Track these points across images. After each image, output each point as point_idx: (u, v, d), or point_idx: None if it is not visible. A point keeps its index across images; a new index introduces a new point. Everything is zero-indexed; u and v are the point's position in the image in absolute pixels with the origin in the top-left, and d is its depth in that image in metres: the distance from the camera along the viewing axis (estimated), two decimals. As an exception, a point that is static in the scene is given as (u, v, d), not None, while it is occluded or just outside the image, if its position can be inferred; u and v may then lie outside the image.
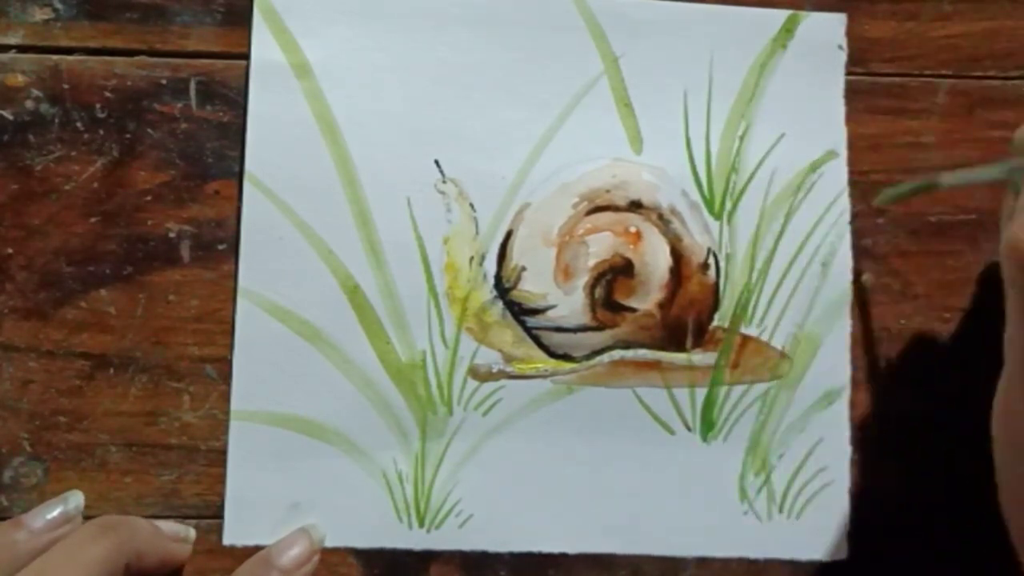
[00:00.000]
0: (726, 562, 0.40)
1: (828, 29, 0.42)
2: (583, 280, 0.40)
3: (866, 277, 0.42)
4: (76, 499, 0.37)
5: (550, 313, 0.40)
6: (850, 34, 0.42)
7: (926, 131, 0.43)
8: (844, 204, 0.42)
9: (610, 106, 0.41)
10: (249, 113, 0.40)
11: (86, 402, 0.39)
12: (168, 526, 0.38)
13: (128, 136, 0.40)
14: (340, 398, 0.39)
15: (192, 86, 0.40)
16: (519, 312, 0.40)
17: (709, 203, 0.41)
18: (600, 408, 0.40)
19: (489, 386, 0.40)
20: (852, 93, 0.42)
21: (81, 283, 0.39)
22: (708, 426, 0.41)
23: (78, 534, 0.35)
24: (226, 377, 0.39)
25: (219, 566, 0.39)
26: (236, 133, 0.40)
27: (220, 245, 0.40)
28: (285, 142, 0.40)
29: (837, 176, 0.42)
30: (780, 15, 0.42)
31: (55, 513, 0.36)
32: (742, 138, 0.42)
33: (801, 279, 0.41)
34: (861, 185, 0.42)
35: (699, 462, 0.41)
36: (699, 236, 0.41)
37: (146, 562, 0.36)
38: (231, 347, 0.39)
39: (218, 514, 0.39)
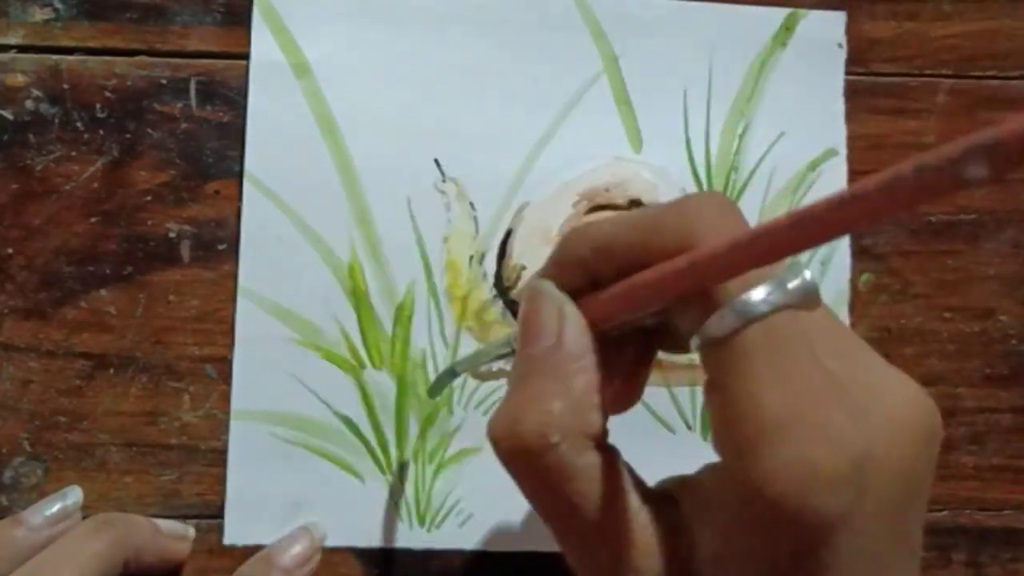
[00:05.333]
0: (726, 561, 0.40)
1: (828, 27, 0.42)
2: (583, 279, 0.40)
3: (865, 277, 0.42)
4: (75, 495, 0.37)
5: (550, 312, 0.40)
6: (850, 34, 0.42)
7: (926, 131, 0.43)
8: (844, 203, 0.42)
9: (609, 105, 0.41)
10: (249, 113, 0.40)
11: (86, 402, 0.39)
12: (167, 524, 0.38)
13: (128, 136, 0.40)
14: (340, 397, 0.39)
15: (192, 86, 0.40)
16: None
17: (709, 202, 0.41)
18: (600, 407, 0.40)
19: (489, 385, 0.40)
20: (852, 93, 0.42)
21: (81, 283, 0.39)
22: (709, 425, 0.41)
23: (76, 530, 0.35)
24: (226, 377, 0.39)
25: (219, 566, 0.39)
26: (236, 133, 0.40)
27: (220, 245, 0.40)
28: (285, 142, 0.40)
29: (836, 175, 0.42)
30: (780, 13, 0.42)
31: (54, 509, 0.36)
32: (741, 137, 0.42)
33: (801, 278, 0.41)
34: (861, 184, 0.42)
35: (700, 461, 0.40)
36: (699, 235, 0.41)
37: (145, 559, 0.36)
38: (231, 347, 0.39)
39: (218, 514, 0.39)
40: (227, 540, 0.39)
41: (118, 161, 0.40)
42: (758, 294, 0.22)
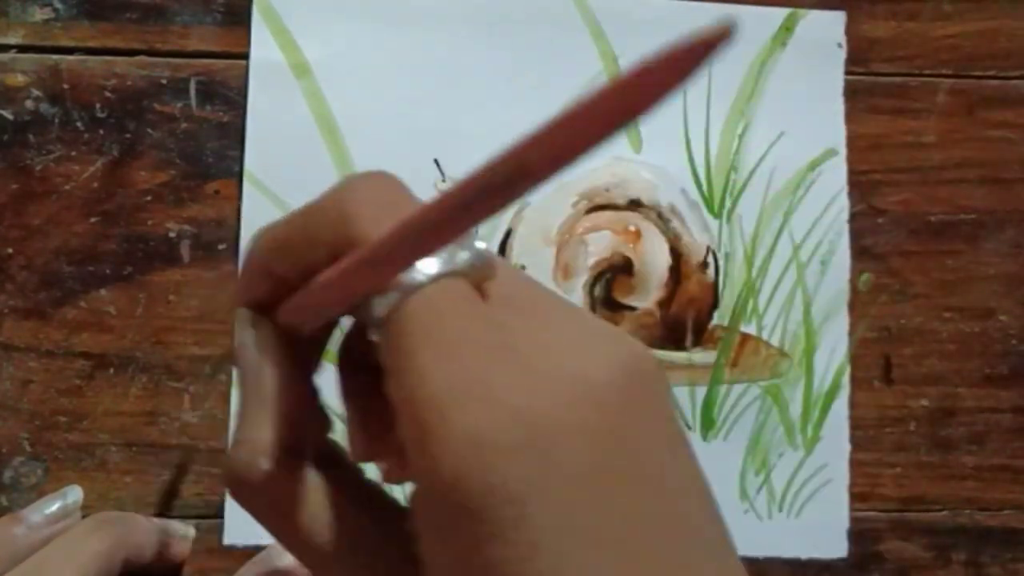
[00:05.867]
0: (726, 561, 0.40)
1: (827, 27, 0.42)
2: (583, 279, 0.40)
3: (865, 277, 0.42)
4: (75, 494, 0.37)
5: (550, 312, 0.40)
6: (850, 34, 0.42)
7: (926, 131, 0.43)
8: (843, 203, 0.42)
9: (609, 105, 0.41)
10: (249, 113, 0.40)
11: (86, 402, 0.39)
12: (168, 523, 0.38)
13: (128, 136, 0.40)
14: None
15: (192, 86, 0.40)
16: (519, 311, 0.40)
17: (708, 202, 0.41)
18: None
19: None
20: (852, 93, 0.42)
21: (81, 283, 0.39)
22: (708, 425, 0.41)
23: (76, 529, 0.35)
24: (226, 376, 0.39)
25: (219, 566, 0.39)
26: (236, 133, 0.40)
27: (220, 245, 0.40)
28: (285, 142, 0.40)
29: (836, 175, 0.42)
30: (780, 13, 0.42)
31: (54, 508, 0.36)
32: (741, 137, 0.42)
33: (800, 277, 0.41)
34: (861, 184, 0.42)
35: (700, 461, 0.40)
36: (698, 235, 0.41)
37: (144, 558, 0.36)
38: (231, 347, 0.39)
39: (218, 514, 0.39)
40: (227, 540, 0.39)
41: (118, 161, 0.40)
42: (423, 268, 0.21)
